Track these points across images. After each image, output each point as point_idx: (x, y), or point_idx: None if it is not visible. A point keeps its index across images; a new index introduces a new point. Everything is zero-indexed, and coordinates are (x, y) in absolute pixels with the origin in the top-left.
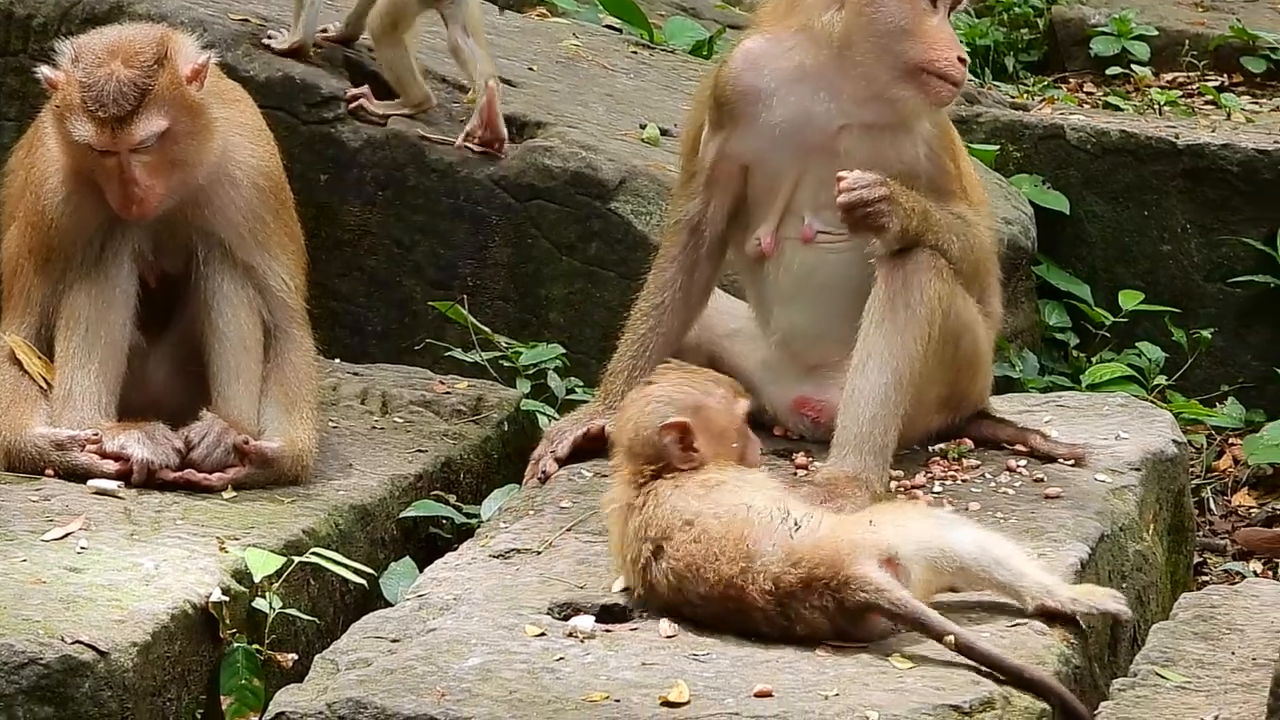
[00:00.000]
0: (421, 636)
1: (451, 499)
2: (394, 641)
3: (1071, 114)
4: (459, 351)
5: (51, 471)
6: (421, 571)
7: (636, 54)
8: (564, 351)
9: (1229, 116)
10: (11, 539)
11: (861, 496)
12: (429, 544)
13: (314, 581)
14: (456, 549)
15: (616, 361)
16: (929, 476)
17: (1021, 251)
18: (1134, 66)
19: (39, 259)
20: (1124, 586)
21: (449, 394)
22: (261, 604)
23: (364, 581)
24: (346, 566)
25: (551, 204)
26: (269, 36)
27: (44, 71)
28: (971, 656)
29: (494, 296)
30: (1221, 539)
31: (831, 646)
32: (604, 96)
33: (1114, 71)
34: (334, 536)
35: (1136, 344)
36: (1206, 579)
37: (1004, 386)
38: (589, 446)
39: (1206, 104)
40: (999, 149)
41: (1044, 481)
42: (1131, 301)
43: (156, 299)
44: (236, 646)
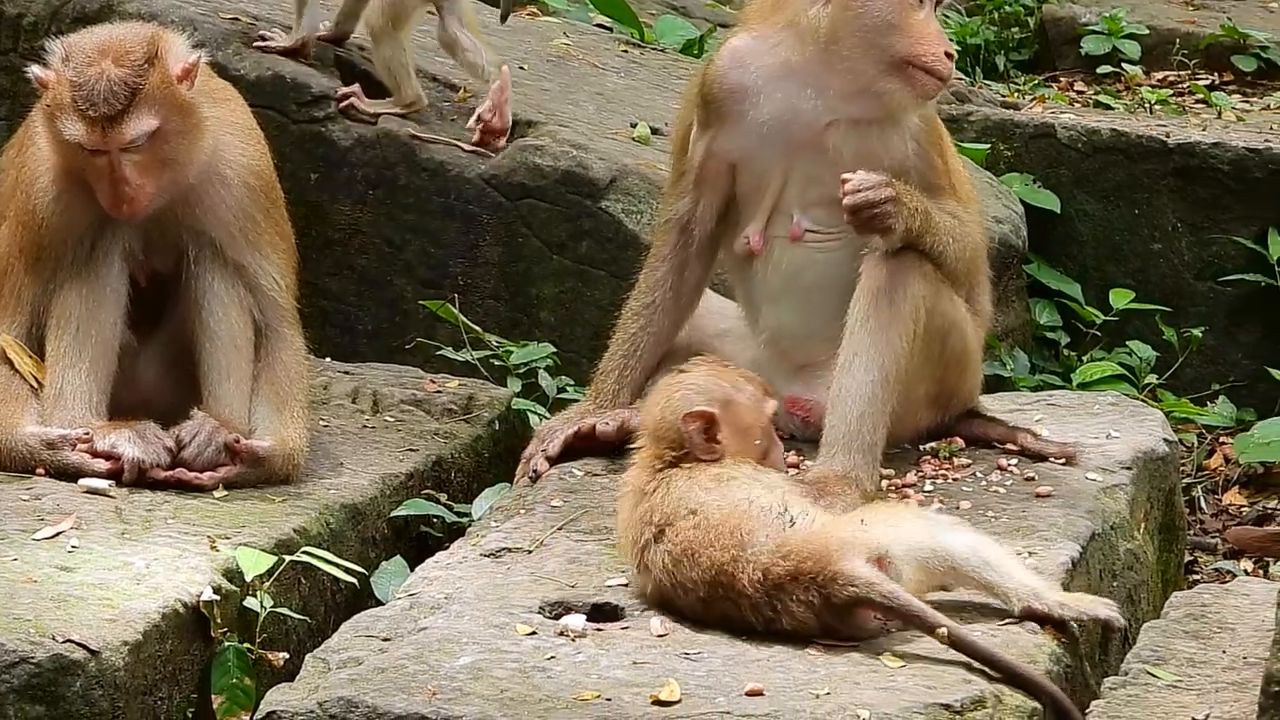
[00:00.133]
0: (413, 635)
1: (442, 498)
2: (385, 640)
3: (1062, 113)
4: (450, 350)
5: (43, 470)
6: (413, 570)
7: (627, 53)
8: (555, 350)
9: (1220, 115)
10: (2, 538)
11: (852, 495)
12: (420, 543)
13: (305, 580)
14: (448, 548)
15: (607, 360)
16: (920, 475)
17: (1012, 250)
18: (1125, 65)
19: (30, 258)
20: (1115, 585)
21: (440, 393)
22: (253, 603)
23: (355, 580)
24: (337, 565)
25: (542, 203)
26: (264, 36)
27: (34, 71)
28: (964, 651)
29: (485, 295)
30: (1212, 538)
31: (822, 645)
32: (595, 95)
33: (1105, 70)
34: (325, 535)
35: (1127, 343)
36: (1197, 578)
37: (995, 385)
38: (580, 445)
39: (1197, 103)
40: (990, 148)
41: (1035, 480)
42: (1122, 300)
43: (147, 298)
44: (228, 645)
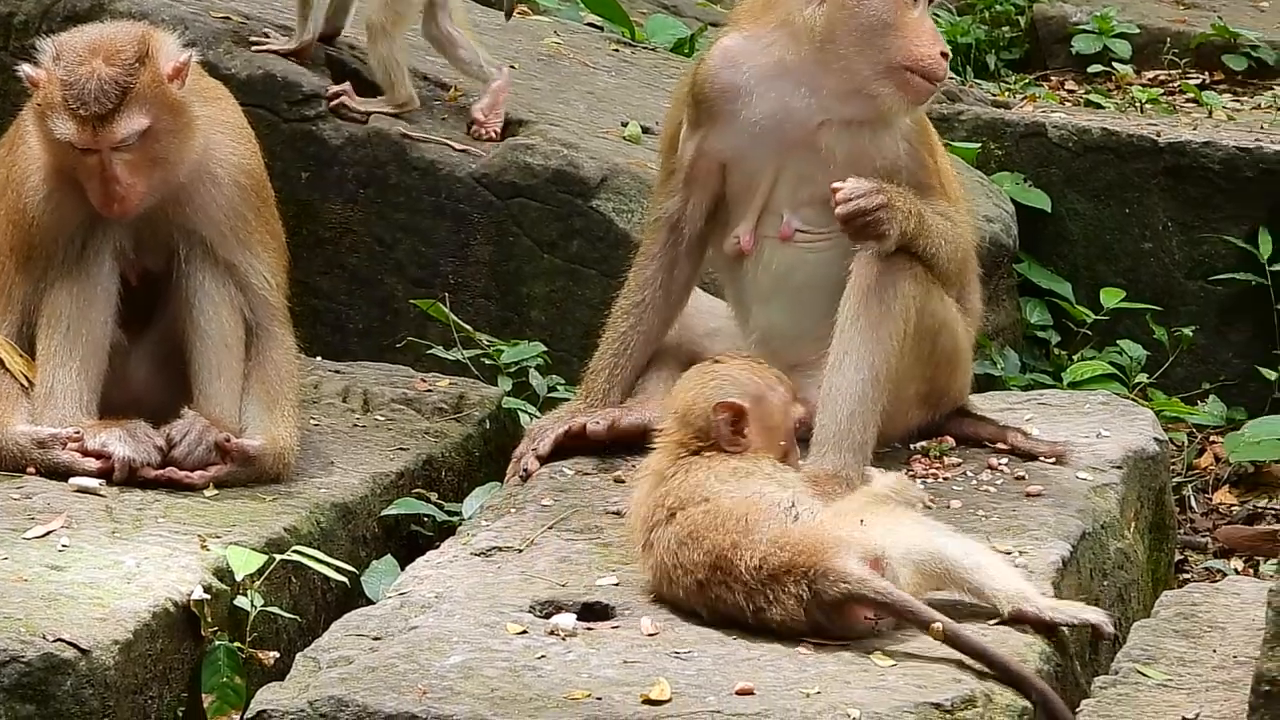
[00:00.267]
0: (403, 634)
1: (433, 497)
2: (376, 639)
3: (1053, 112)
4: (440, 349)
5: (33, 469)
6: (403, 569)
7: (618, 52)
8: (545, 349)
9: (1210, 114)
10: None
11: (842, 494)
12: (410, 542)
13: (295, 579)
14: (438, 547)
15: (598, 359)
16: (910, 474)
17: (1003, 249)
18: (1115, 64)
19: (20, 257)
20: (1105, 584)
21: (430, 392)
22: (243, 602)
23: (345, 579)
24: (328, 564)
25: (533, 202)
26: (263, 36)
27: (25, 69)
28: (958, 647)
29: (475, 294)
30: (1203, 537)
31: (813, 644)
32: (585, 94)
33: (1095, 69)
34: (315, 534)
35: (1118, 342)
36: (1188, 577)
37: (985, 384)
38: (571, 444)
39: (1188, 102)
40: (980, 147)
41: (1025, 479)
42: (1113, 299)
43: (138, 297)
44: (218, 644)
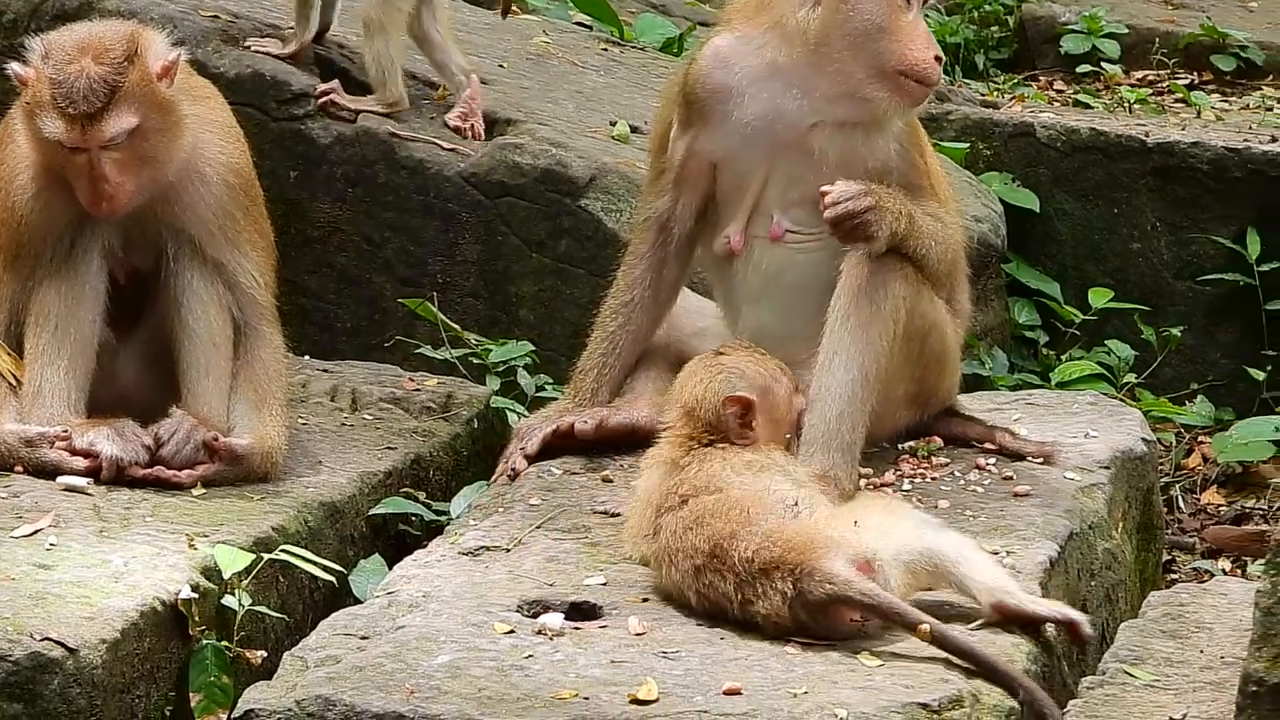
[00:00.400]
0: (391, 634)
1: (421, 496)
2: (363, 639)
3: (1041, 112)
4: (429, 348)
5: (20, 468)
6: (391, 569)
7: (607, 51)
8: (533, 349)
9: (1199, 115)
10: None
11: (831, 494)
12: (398, 541)
13: (283, 579)
14: (426, 546)
15: (586, 359)
16: (898, 474)
17: (991, 249)
18: (1104, 64)
19: (8, 255)
20: (1093, 585)
21: (418, 391)
22: (231, 601)
23: (333, 579)
24: (315, 564)
25: (521, 201)
26: (260, 39)
27: (14, 68)
28: (945, 647)
29: (464, 293)
30: (1190, 537)
31: (800, 644)
32: (574, 94)
33: (1084, 69)
34: (303, 533)
35: (1106, 342)
36: (1175, 577)
37: (973, 384)
38: (559, 444)
39: (1176, 102)
40: (969, 147)
41: (1013, 479)
42: (1101, 299)
43: (126, 295)
44: (205, 643)
